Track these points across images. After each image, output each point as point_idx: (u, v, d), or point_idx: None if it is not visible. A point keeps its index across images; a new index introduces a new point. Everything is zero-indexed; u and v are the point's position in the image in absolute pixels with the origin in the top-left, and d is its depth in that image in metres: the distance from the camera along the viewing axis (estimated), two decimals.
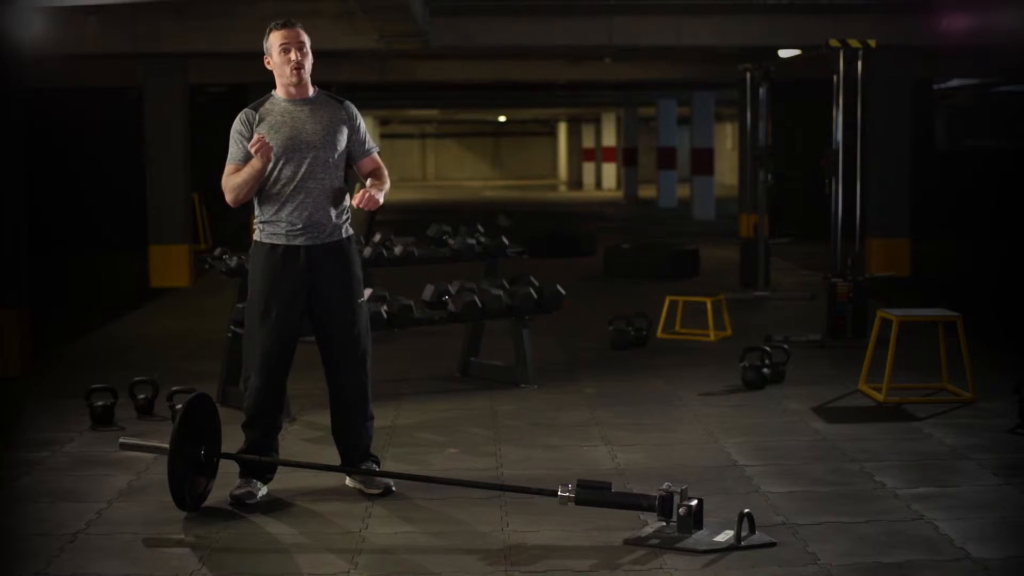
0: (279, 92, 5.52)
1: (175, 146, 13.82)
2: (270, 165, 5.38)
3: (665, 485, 4.98)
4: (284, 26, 5.44)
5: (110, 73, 15.93)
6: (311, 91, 5.54)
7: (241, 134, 5.45)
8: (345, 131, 5.53)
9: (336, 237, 5.52)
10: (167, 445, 5.18)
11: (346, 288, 5.54)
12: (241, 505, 5.39)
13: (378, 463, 5.76)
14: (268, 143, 5.29)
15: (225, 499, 5.41)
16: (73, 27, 11.27)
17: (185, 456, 5.24)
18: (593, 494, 5.02)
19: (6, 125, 8.52)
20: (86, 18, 11.28)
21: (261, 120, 5.45)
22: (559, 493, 5.04)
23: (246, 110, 5.51)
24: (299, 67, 5.42)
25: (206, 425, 5.43)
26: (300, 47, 5.43)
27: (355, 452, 5.66)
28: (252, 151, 5.28)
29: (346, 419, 5.65)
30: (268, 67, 5.52)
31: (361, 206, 5.39)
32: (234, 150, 5.47)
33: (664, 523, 4.95)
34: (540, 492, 5.17)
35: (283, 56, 5.42)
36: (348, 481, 5.67)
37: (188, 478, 5.26)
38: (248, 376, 5.58)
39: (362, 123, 5.65)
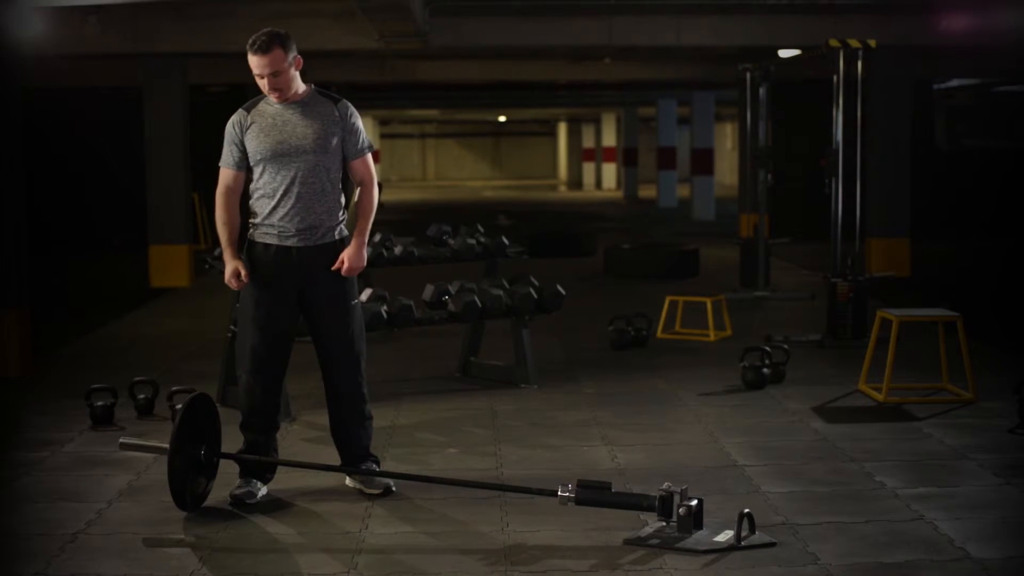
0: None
1: (175, 146, 13.81)
2: (259, 168, 5.42)
3: (665, 485, 4.98)
4: (257, 51, 5.32)
5: (110, 73, 15.94)
6: (302, 91, 5.50)
7: (232, 138, 5.46)
8: (338, 131, 5.47)
9: (329, 239, 5.50)
10: (167, 445, 5.19)
11: (339, 289, 5.52)
12: (241, 505, 5.39)
13: (378, 463, 5.75)
14: (242, 282, 5.44)
15: (225, 499, 5.41)
16: (73, 27, 11.28)
17: (185, 456, 5.24)
18: (593, 494, 5.02)
19: (6, 125, 8.51)
20: (86, 18, 11.28)
21: (252, 123, 5.43)
22: (559, 493, 5.04)
23: (239, 111, 5.49)
24: (273, 90, 5.39)
25: (206, 425, 5.43)
26: (273, 74, 5.32)
27: (354, 452, 5.65)
28: (230, 282, 5.47)
29: (344, 420, 5.65)
30: None
31: (341, 271, 5.46)
32: (225, 153, 5.49)
33: (664, 523, 4.95)
34: (540, 492, 5.17)
35: (258, 80, 5.40)
36: (348, 481, 5.67)
37: (188, 478, 5.26)
38: (240, 375, 5.58)
39: (357, 122, 5.54)
